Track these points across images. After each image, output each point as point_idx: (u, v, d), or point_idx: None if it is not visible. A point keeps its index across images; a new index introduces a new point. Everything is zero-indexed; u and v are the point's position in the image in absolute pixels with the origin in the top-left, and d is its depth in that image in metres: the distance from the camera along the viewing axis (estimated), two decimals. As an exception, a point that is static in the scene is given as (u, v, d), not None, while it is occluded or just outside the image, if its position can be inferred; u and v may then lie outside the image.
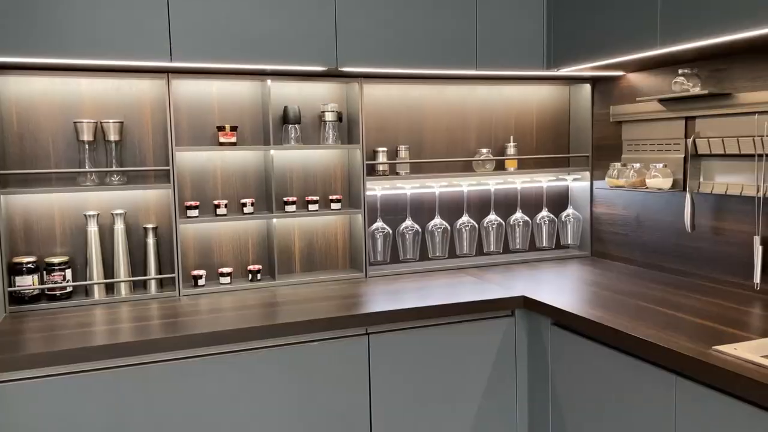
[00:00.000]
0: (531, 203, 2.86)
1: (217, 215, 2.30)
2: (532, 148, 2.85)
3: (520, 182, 2.81)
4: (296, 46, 2.13)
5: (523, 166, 2.81)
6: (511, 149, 2.74)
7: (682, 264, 2.36)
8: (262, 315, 1.95)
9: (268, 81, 2.31)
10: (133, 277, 2.25)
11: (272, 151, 2.36)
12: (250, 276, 2.36)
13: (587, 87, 2.76)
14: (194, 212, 2.27)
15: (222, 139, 2.28)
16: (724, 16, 1.72)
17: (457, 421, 2.10)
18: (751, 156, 2.04)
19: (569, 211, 2.86)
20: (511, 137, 2.77)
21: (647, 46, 1.98)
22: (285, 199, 2.41)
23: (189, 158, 2.35)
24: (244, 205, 2.34)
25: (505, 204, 2.82)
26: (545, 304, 2.01)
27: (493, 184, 2.76)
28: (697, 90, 2.16)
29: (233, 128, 2.29)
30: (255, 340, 1.85)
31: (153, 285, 2.26)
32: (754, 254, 2.03)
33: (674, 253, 2.39)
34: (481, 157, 2.69)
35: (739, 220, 2.12)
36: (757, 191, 2.01)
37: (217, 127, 2.29)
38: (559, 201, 2.90)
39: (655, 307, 1.93)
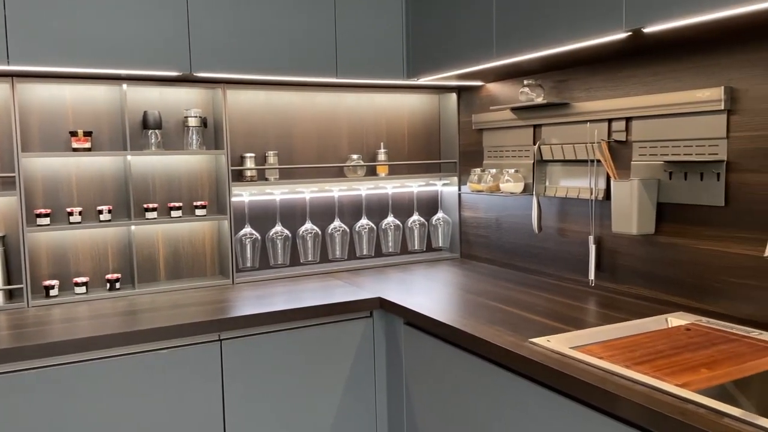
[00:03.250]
0: (403, 208, 2.94)
1: (70, 223, 2.23)
2: (404, 155, 2.93)
3: (391, 187, 2.88)
4: (148, 51, 2.10)
5: (395, 171, 2.89)
6: (381, 155, 2.81)
7: (532, 263, 2.49)
8: (113, 324, 1.91)
9: (124, 85, 2.27)
10: (-23, 288, 2.15)
11: (129, 157, 2.31)
12: (108, 285, 2.31)
13: (453, 96, 2.88)
14: (45, 220, 2.19)
15: (75, 145, 2.22)
16: (549, 31, 1.84)
17: (317, 423, 2.13)
18: (585, 161, 2.19)
19: (439, 215, 2.96)
20: (382, 144, 2.85)
21: (486, 57, 2.10)
22: (145, 205, 2.37)
23: (41, 164, 2.27)
24: (101, 212, 2.28)
25: (378, 209, 2.89)
26: (397, 304, 2.08)
27: (364, 189, 2.82)
28: (540, 100, 2.30)
29: (87, 133, 2.24)
30: (101, 350, 1.81)
31: (0, 296, 2.17)
32: (589, 253, 2.19)
33: (526, 253, 2.52)
34: (352, 163, 2.74)
35: (577, 221, 2.27)
36: (591, 194, 2.17)
37: (70, 133, 2.23)
38: (430, 205, 3.00)
39: (498, 305, 2.03)
